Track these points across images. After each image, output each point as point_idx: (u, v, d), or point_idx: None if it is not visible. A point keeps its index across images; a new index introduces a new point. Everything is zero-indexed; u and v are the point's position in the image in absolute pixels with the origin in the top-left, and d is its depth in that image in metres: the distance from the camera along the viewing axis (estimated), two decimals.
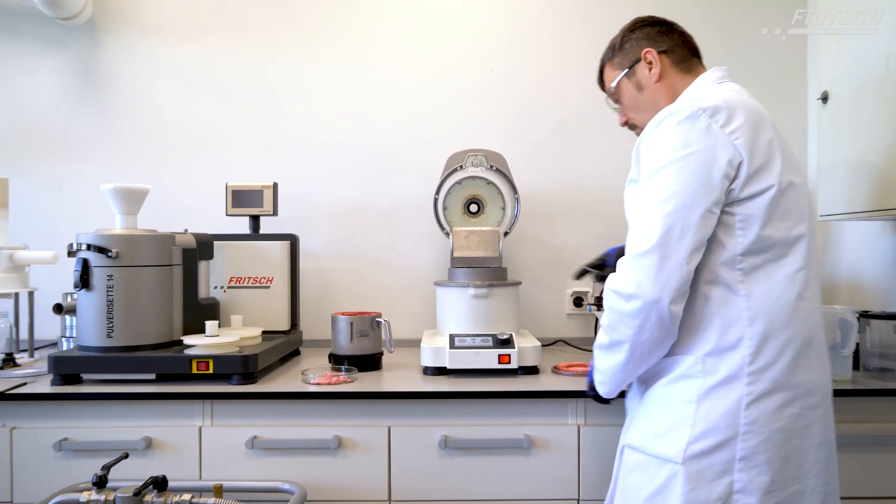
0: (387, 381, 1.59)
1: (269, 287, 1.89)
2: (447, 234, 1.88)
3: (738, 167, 1.04)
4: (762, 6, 2.17)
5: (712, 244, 1.06)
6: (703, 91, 1.18)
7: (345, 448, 1.46)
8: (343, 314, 1.73)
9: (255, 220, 1.98)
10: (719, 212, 1.05)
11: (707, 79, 1.24)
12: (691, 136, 1.04)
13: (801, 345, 1.07)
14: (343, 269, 2.19)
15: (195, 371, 1.50)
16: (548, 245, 2.16)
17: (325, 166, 2.20)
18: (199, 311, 1.70)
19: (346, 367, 1.64)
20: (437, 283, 1.79)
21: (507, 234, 1.89)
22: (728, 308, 1.05)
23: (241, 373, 1.51)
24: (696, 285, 1.06)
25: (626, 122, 1.37)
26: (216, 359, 1.51)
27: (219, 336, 1.59)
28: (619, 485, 1.18)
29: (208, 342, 1.55)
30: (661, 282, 1.01)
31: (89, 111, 2.19)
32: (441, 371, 1.62)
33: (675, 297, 1.03)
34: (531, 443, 1.46)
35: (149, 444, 1.45)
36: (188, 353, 1.54)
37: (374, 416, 1.48)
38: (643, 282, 1.02)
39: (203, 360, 1.50)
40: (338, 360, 1.70)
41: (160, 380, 1.54)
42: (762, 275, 1.06)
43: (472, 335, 1.64)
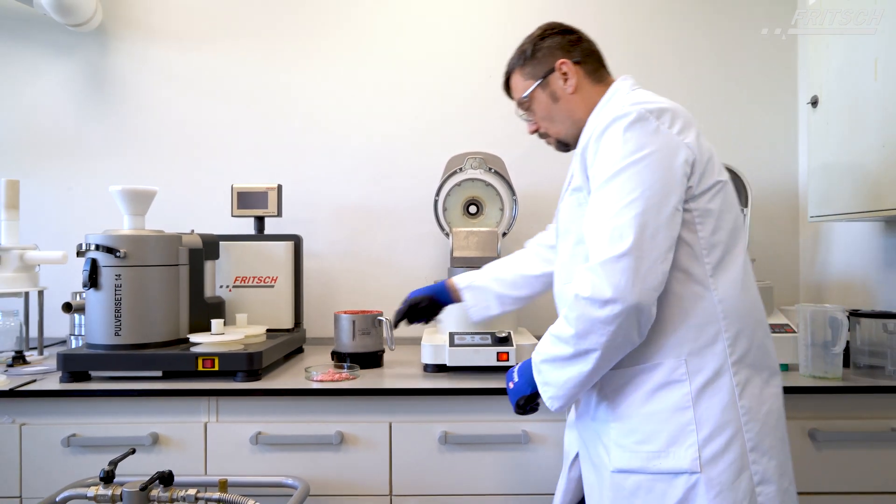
0: (388, 378, 1.62)
1: (273, 286, 1.92)
2: (447, 235, 1.91)
3: (693, 165, 1.05)
4: (754, 9, 2.20)
5: (678, 243, 1.04)
6: (633, 96, 1.13)
7: (347, 443, 1.48)
8: (345, 313, 1.75)
9: (259, 220, 2.01)
10: (682, 209, 1.04)
11: (623, 86, 1.21)
12: (644, 139, 1.03)
13: (763, 327, 1.10)
14: (345, 269, 2.22)
15: (201, 368, 1.53)
16: None
17: (328, 169, 2.23)
18: (205, 310, 1.73)
19: (349, 364, 1.67)
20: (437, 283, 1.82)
21: (505, 234, 1.92)
22: (701, 304, 1.04)
23: (245, 370, 1.53)
24: (666, 286, 1.03)
25: (535, 131, 1.32)
26: (222, 356, 1.53)
27: (224, 334, 1.62)
28: None
29: (214, 340, 1.57)
30: (641, 284, 0.97)
31: (98, 115, 2.23)
32: (441, 368, 1.64)
33: (654, 298, 1.00)
34: (529, 438, 1.48)
35: (155, 439, 1.48)
36: (194, 350, 1.56)
37: (375, 413, 1.50)
38: (621, 285, 0.97)
39: (209, 357, 1.53)
40: (340, 358, 1.72)
41: (167, 377, 1.57)
42: (723, 267, 1.06)
43: (472, 333, 1.65)
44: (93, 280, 1.56)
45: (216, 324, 1.63)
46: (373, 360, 1.73)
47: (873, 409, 1.49)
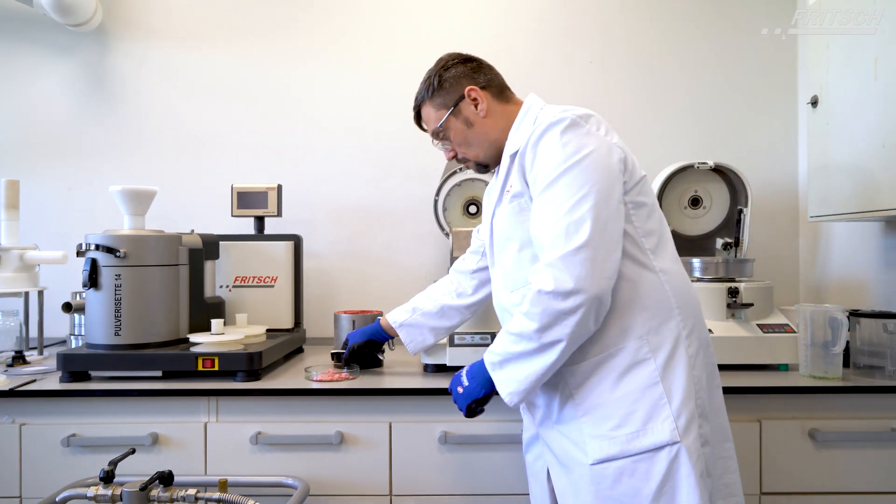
0: (388, 378, 1.62)
1: (273, 286, 1.92)
2: (447, 235, 1.92)
3: (625, 162, 1.13)
4: (754, 9, 2.20)
5: (624, 233, 1.12)
6: (553, 107, 1.21)
7: (347, 443, 1.48)
8: (345, 312, 1.75)
9: (259, 220, 2.01)
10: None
11: (537, 100, 1.28)
12: (581, 140, 1.10)
13: (697, 302, 1.19)
14: (345, 269, 2.22)
15: (201, 368, 1.53)
16: None
17: (328, 169, 2.23)
18: (205, 310, 1.73)
19: (349, 364, 1.66)
20: None
21: None
22: (651, 285, 1.12)
23: (245, 370, 1.53)
24: (619, 274, 1.10)
25: (453, 157, 1.36)
26: (221, 356, 1.53)
27: (224, 334, 1.62)
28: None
29: (214, 340, 1.58)
30: (599, 274, 1.04)
31: (98, 115, 2.23)
32: (441, 368, 1.64)
33: (611, 287, 1.07)
34: None
35: (155, 439, 1.48)
36: (194, 350, 1.56)
37: (375, 413, 1.50)
38: (583, 276, 1.03)
39: (209, 357, 1.53)
40: (340, 358, 1.72)
41: (167, 377, 1.57)
42: (660, 251, 1.15)
43: (472, 333, 1.65)
44: (93, 280, 1.57)
45: (216, 324, 1.63)
46: (373, 360, 1.72)
47: (873, 409, 1.49)
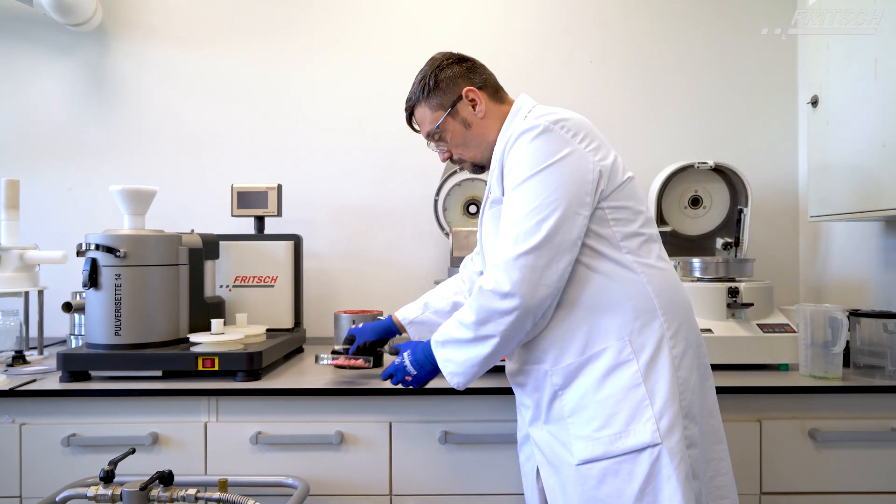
0: None
1: (273, 286, 1.92)
2: (447, 235, 1.92)
3: (601, 170, 1.12)
4: (754, 9, 2.20)
5: (599, 238, 1.12)
6: (536, 110, 1.20)
7: (347, 443, 1.48)
8: (345, 312, 1.75)
9: (259, 220, 2.01)
10: (591, 212, 1.11)
11: (525, 103, 1.27)
12: (553, 147, 1.10)
13: (687, 304, 1.19)
14: (345, 269, 2.22)
15: (201, 368, 1.53)
16: None
17: (328, 169, 2.23)
18: (205, 310, 1.73)
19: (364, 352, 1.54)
20: (438, 282, 1.82)
21: None
22: (634, 287, 1.12)
23: (245, 370, 1.53)
24: (594, 274, 1.12)
25: (449, 159, 1.35)
26: (221, 356, 1.53)
27: (224, 334, 1.62)
28: None
29: (214, 340, 1.58)
30: (538, 281, 1.05)
31: (98, 115, 2.23)
32: None
33: (551, 293, 1.08)
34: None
35: (155, 439, 1.48)
36: (194, 350, 1.56)
37: (375, 412, 1.50)
38: (519, 281, 1.05)
39: (209, 357, 1.53)
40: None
41: (167, 376, 1.57)
42: (644, 253, 1.15)
43: None
44: (93, 280, 1.57)
45: (216, 323, 1.63)
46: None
47: (873, 409, 1.49)
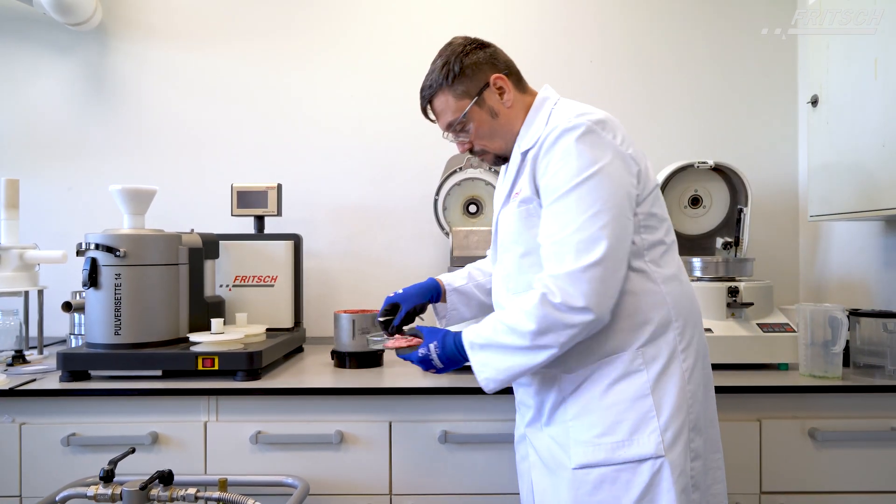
0: (388, 377, 1.62)
1: (273, 286, 1.92)
2: (447, 234, 1.92)
3: (638, 175, 1.11)
4: (754, 9, 2.20)
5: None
6: (569, 107, 1.16)
7: (347, 443, 1.48)
8: (345, 312, 1.75)
9: (259, 220, 2.02)
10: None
11: (552, 93, 1.23)
12: (597, 151, 1.07)
13: (699, 314, 1.18)
14: (345, 268, 2.23)
15: (201, 367, 1.53)
16: None
17: (328, 168, 2.23)
18: (205, 309, 1.73)
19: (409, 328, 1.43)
20: None
21: None
22: (652, 297, 1.11)
23: (245, 369, 1.53)
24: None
25: (470, 150, 1.26)
26: (221, 355, 1.53)
27: (224, 333, 1.62)
28: None
29: (214, 339, 1.58)
30: (606, 293, 1.03)
31: (98, 114, 2.23)
32: None
33: (615, 304, 1.06)
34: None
35: (155, 439, 1.48)
36: (194, 349, 1.56)
37: (375, 412, 1.50)
38: (591, 294, 1.02)
39: (209, 356, 1.53)
40: (340, 357, 1.73)
41: (166, 376, 1.57)
42: (665, 262, 1.14)
43: None
44: (93, 279, 1.57)
45: (216, 323, 1.63)
46: (372, 359, 1.73)
47: (873, 409, 1.49)
